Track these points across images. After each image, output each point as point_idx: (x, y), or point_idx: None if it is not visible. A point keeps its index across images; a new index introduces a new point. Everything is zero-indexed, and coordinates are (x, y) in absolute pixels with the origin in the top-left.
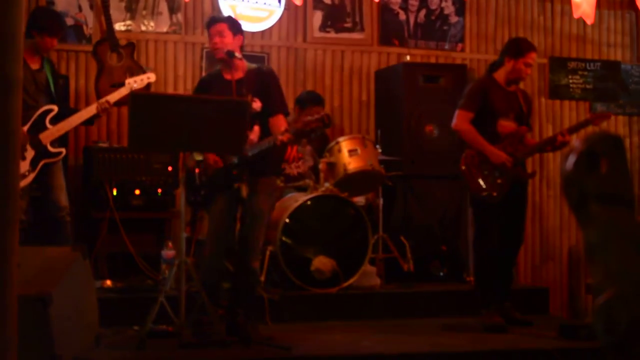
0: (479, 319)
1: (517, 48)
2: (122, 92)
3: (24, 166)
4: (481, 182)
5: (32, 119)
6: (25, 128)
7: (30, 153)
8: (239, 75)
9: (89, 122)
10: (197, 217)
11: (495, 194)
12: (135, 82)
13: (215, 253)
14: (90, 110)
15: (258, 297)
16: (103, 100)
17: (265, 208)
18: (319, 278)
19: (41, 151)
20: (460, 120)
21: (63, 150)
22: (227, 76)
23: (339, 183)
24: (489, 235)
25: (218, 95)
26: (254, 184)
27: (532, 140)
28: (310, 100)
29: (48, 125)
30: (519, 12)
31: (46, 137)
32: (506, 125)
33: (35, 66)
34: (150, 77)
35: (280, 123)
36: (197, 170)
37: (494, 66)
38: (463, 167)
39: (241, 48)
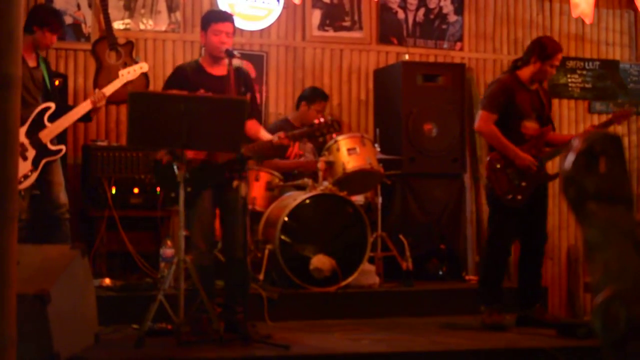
0: (479, 317)
1: (545, 50)
2: (115, 84)
3: (26, 167)
4: (506, 185)
5: (31, 118)
6: (25, 128)
7: (31, 153)
8: (224, 72)
9: (87, 118)
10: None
11: (519, 197)
12: (128, 73)
13: (206, 251)
14: (86, 105)
15: (257, 295)
16: (98, 92)
17: (247, 200)
18: (318, 277)
19: (42, 150)
20: (483, 121)
21: (63, 147)
22: (212, 71)
23: (338, 182)
24: (504, 236)
25: (215, 94)
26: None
27: (556, 137)
28: (317, 96)
29: (46, 123)
30: (518, 11)
31: (45, 135)
32: (530, 126)
33: (32, 64)
34: (142, 66)
35: (256, 126)
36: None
37: (518, 64)
38: (487, 170)
39: None
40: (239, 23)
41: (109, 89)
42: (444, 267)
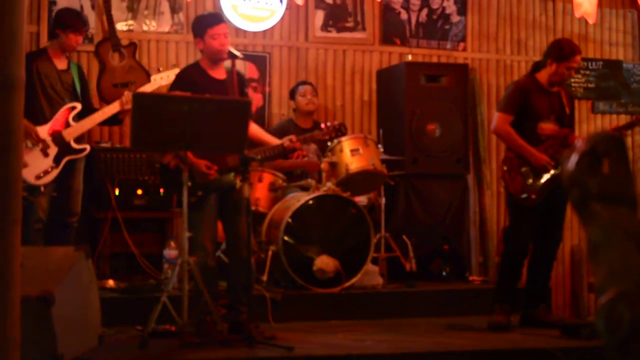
0: (482, 317)
1: (561, 51)
2: (147, 89)
3: (47, 163)
4: (521, 185)
5: (56, 116)
6: (49, 126)
7: (53, 150)
8: (224, 74)
9: (116, 122)
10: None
11: (534, 196)
12: (161, 79)
13: (212, 252)
14: (114, 107)
15: (260, 296)
16: (127, 94)
17: (250, 201)
18: (322, 277)
19: (64, 147)
20: (499, 123)
21: (87, 146)
22: (214, 74)
23: (341, 182)
24: (521, 236)
25: (219, 95)
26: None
27: (576, 139)
28: (298, 84)
29: (71, 122)
30: (521, 11)
31: (69, 133)
32: (546, 127)
33: (61, 66)
34: (176, 72)
35: (256, 128)
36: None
37: (537, 66)
38: (502, 169)
39: None
40: (242, 24)
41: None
42: (448, 268)
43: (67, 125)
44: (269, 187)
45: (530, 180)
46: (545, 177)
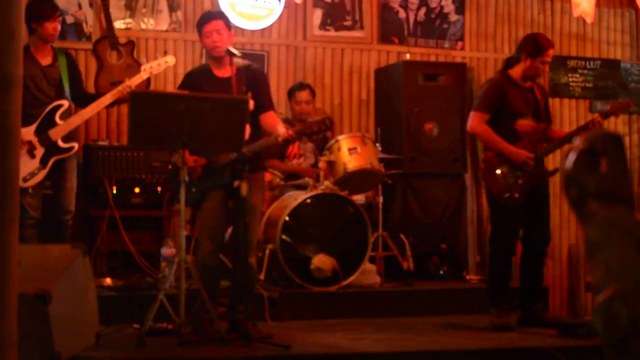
0: (479, 316)
1: (535, 46)
2: (142, 76)
3: (34, 164)
4: (502, 184)
5: (42, 116)
6: (34, 126)
7: (40, 151)
8: (229, 73)
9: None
10: (197, 215)
11: (517, 195)
12: (152, 68)
13: (212, 251)
14: (105, 100)
15: (257, 294)
16: (124, 84)
17: (258, 203)
18: (319, 276)
19: (51, 148)
20: (475, 122)
21: (75, 145)
22: (218, 73)
23: (339, 181)
24: (506, 236)
25: (217, 94)
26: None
27: (555, 134)
28: (294, 90)
29: (58, 120)
30: (519, 10)
31: (56, 133)
32: (524, 124)
33: (46, 62)
34: (168, 60)
35: (273, 119)
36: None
37: (510, 62)
38: (482, 170)
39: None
40: (240, 22)
41: (134, 81)
42: (445, 267)
43: (54, 124)
44: (267, 185)
45: (512, 179)
46: (526, 175)
